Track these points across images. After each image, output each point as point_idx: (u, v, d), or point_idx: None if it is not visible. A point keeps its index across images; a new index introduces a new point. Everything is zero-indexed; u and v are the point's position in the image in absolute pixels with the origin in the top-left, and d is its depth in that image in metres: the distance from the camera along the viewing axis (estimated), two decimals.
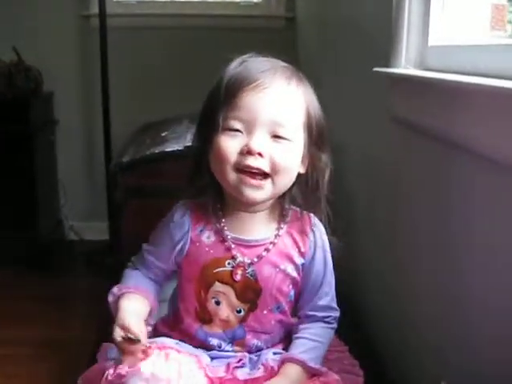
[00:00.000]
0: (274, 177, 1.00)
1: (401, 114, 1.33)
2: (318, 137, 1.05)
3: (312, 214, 1.11)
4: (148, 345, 1.00)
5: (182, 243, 1.08)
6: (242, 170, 0.99)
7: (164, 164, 1.99)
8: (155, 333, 1.12)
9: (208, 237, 1.07)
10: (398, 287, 1.40)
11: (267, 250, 1.07)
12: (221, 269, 1.06)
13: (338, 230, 1.11)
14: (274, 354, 1.10)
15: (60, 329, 2.11)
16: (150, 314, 1.09)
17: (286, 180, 1.03)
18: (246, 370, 1.06)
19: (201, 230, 1.07)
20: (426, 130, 1.20)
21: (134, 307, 1.05)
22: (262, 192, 1.01)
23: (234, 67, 1.04)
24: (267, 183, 1.00)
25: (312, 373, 1.07)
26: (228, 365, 1.06)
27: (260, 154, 0.98)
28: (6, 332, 2.04)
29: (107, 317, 1.57)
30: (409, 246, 1.33)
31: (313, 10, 2.54)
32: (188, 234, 1.07)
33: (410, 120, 1.29)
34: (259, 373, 1.04)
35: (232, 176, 1.01)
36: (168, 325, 1.14)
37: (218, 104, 1.02)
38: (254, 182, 0.99)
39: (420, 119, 1.23)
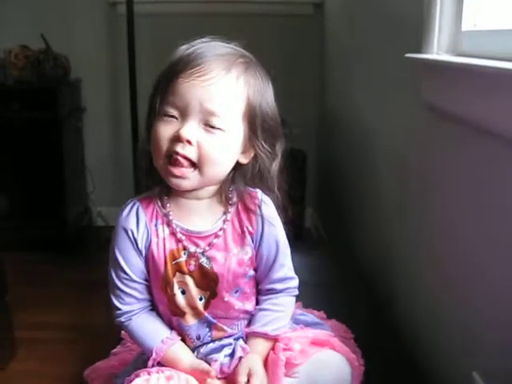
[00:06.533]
0: (201, 166, 1.00)
1: (433, 101, 1.31)
2: (262, 129, 1.04)
3: (258, 190, 1.11)
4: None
5: (145, 242, 1.08)
6: (171, 156, 0.99)
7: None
8: None
9: (163, 230, 1.07)
10: (428, 278, 1.39)
11: (217, 236, 1.07)
12: (178, 260, 1.07)
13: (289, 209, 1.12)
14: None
15: (87, 313, 2.13)
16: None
17: (214, 170, 1.02)
18: (226, 359, 1.09)
19: (155, 225, 1.08)
20: (459, 117, 1.18)
21: (180, 355, 1.10)
22: (186, 181, 1.01)
23: (180, 52, 1.04)
24: (193, 173, 1.00)
25: (276, 339, 1.11)
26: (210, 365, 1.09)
27: (189, 142, 0.98)
28: (35, 316, 2.08)
29: None
30: (441, 234, 1.31)
31: None
32: (146, 230, 1.07)
33: (442, 107, 1.27)
34: (238, 353, 1.08)
35: (161, 162, 1.01)
36: None
37: (157, 89, 1.03)
38: (176, 172, 1.00)
39: (453, 106, 1.20)
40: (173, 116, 1.00)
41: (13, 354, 1.83)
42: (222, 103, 0.98)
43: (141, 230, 1.07)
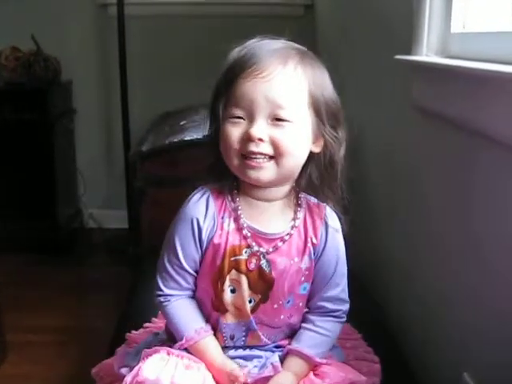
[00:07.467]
0: (279, 158, 1.00)
1: (422, 103, 1.32)
2: (327, 115, 1.04)
3: (326, 205, 1.10)
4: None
5: (209, 233, 1.06)
6: (246, 156, 1.00)
7: (183, 152, 2.00)
8: None
9: (228, 224, 1.06)
10: (420, 277, 1.39)
11: (283, 241, 1.06)
12: (238, 257, 1.05)
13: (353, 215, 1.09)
14: (277, 347, 1.10)
15: (80, 316, 2.14)
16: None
17: (291, 162, 1.01)
18: (256, 369, 1.06)
19: (222, 217, 1.06)
20: (448, 118, 1.19)
21: (212, 349, 1.07)
22: (264, 172, 1.00)
23: (234, 54, 1.04)
24: (269, 164, 1.00)
25: (317, 365, 1.08)
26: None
27: (260, 140, 0.98)
28: (27, 319, 2.07)
29: (125, 305, 1.59)
30: (431, 235, 1.32)
31: None
32: (214, 220, 1.06)
33: (431, 108, 1.28)
34: (267, 372, 1.05)
35: (236, 162, 1.01)
36: None
37: (219, 93, 1.03)
38: (253, 163, 0.99)
39: (442, 107, 1.21)
40: (239, 117, 1.00)
41: (4, 358, 1.83)
42: (285, 95, 0.99)
43: (208, 219, 1.06)
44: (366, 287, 1.70)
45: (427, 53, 1.29)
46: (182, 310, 1.10)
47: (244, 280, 1.05)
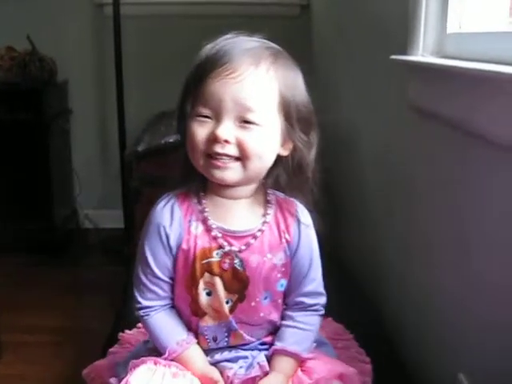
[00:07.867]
0: (245, 161, 0.98)
1: (418, 103, 1.32)
2: (298, 119, 1.02)
3: (295, 200, 1.09)
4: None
5: (176, 239, 1.05)
6: (212, 156, 0.98)
7: (179, 153, 1.99)
8: None
9: (196, 227, 1.05)
10: (415, 279, 1.39)
11: (255, 237, 1.05)
12: (209, 259, 1.04)
13: (325, 212, 1.08)
14: (262, 344, 1.10)
15: (75, 317, 2.13)
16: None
17: (257, 164, 1.00)
18: (242, 370, 1.06)
19: (189, 221, 1.05)
20: (443, 118, 1.19)
21: (194, 359, 1.07)
22: (229, 172, 0.99)
23: (205, 51, 1.02)
24: (235, 165, 0.99)
25: (304, 361, 1.08)
26: (222, 372, 1.06)
27: (226, 141, 0.97)
28: (22, 319, 2.07)
29: (121, 305, 1.58)
30: (426, 236, 1.32)
31: None
32: (181, 227, 1.05)
33: (427, 108, 1.28)
34: (254, 372, 1.05)
35: (202, 161, 1.00)
36: None
37: (188, 90, 1.02)
38: (218, 163, 0.98)
39: (438, 107, 1.21)
40: (206, 116, 0.98)
41: None
42: (255, 98, 0.97)
43: (174, 225, 1.04)
44: (362, 287, 1.70)
45: (423, 53, 1.29)
46: (163, 323, 1.09)
47: (218, 282, 1.05)
